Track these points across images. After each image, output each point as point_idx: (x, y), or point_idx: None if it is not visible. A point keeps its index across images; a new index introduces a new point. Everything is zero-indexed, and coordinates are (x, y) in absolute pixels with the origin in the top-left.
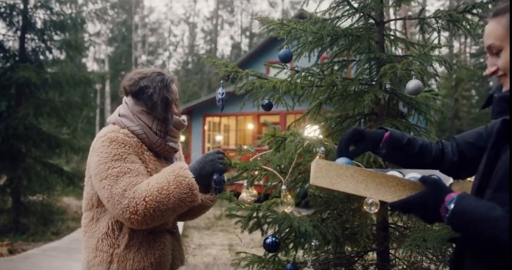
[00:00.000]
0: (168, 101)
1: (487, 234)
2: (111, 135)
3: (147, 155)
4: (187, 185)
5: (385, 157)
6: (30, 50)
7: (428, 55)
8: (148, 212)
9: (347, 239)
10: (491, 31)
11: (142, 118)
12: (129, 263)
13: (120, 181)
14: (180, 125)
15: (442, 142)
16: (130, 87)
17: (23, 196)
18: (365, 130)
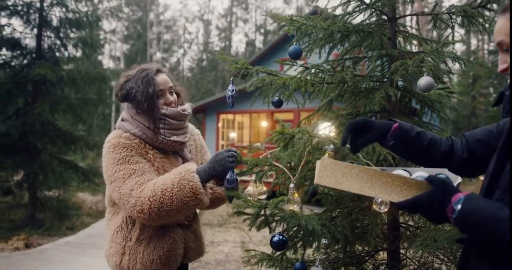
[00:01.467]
0: (150, 95)
1: (495, 236)
2: (114, 141)
3: (151, 154)
4: (191, 189)
5: (392, 148)
6: (46, 47)
7: (440, 52)
8: (153, 211)
9: (358, 238)
10: (501, 27)
11: (139, 120)
12: (139, 256)
13: (127, 181)
14: (179, 116)
15: (452, 138)
16: (119, 92)
17: (39, 191)
18: (373, 120)
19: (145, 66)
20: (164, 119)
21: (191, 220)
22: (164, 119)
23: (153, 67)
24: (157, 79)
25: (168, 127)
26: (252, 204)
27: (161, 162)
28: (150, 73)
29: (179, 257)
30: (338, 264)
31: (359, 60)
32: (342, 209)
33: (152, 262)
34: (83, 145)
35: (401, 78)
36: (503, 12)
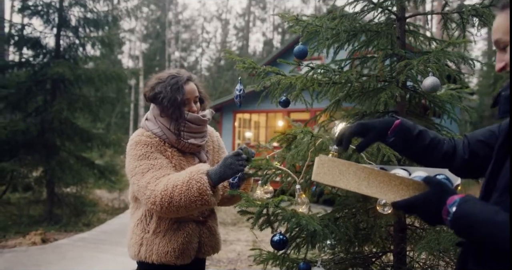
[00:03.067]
0: (177, 102)
1: (489, 239)
2: (136, 139)
3: (170, 152)
4: (198, 189)
5: (392, 145)
6: (65, 46)
7: (445, 52)
8: (164, 205)
9: (362, 240)
10: (499, 25)
11: (161, 121)
12: (155, 247)
13: (146, 175)
14: (198, 121)
15: (455, 139)
16: (148, 94)
17: (57, 187)
18: (370, 122)
19: (176, 73)
20: (184, 123)
21: (207, 217)
22: (185, 123)
23: (184, 75)
24: (186, 88)
25: (188, 131)
26: (253, 203)
27: (179, 160)
28: (180, 81)
29: (193, 251)
30: (345, 265)
31: (367, 60)
32: (349, 209)
33: (167, 253)
34: (99, 143)
35: (409, 79)
36: (502, 9)
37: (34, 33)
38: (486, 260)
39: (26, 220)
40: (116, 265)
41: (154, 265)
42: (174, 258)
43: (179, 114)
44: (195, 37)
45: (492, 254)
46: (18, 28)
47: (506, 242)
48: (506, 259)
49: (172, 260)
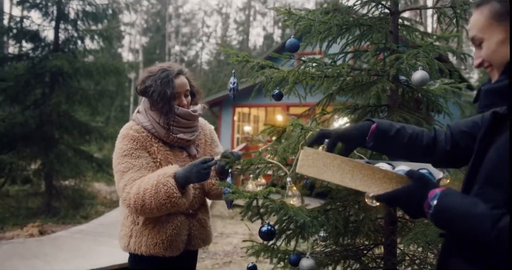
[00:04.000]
0: (167, 96)
1: (469, 232)
2: (124, 132)
3: (156, 147)
4: (165, 193)
5: (372, 149)
6: (64, 39)
7: (435, 46)
8: (137, 207)
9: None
10: (474, 22)
11: (151, 114)
12: (144, 239)
13: (124, 176)
14: (188, 116)
15: (436, 129)
16: (139, 87)
17: (55, 180)
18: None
19: (167, 66)
20: (174, 117)
21: (197, 210)
22: (174, 118)
23: (175, 68)
24: (176, 82)
25: (177, 125)
26: (243, 194)
27: (165, 155)
28: (170, 75)
29: (182, 243)
30: (337, 257)
31: (360, 54)
32: (342, 202)
33: (155, 245)
34: (98, 136)
35: (401, 73)
36: (477, 6)
37: (32, 26)
38: (468, 251)
39: (24, 212)
40: (113, 257)
41: (143, 256)
42: (163, 250)
43: (168, 108)
44: (195, 31)
45: (473, 246)
46: (17, 21)
47: (485, 234)
48: (487, 250)
49: (161, 252)
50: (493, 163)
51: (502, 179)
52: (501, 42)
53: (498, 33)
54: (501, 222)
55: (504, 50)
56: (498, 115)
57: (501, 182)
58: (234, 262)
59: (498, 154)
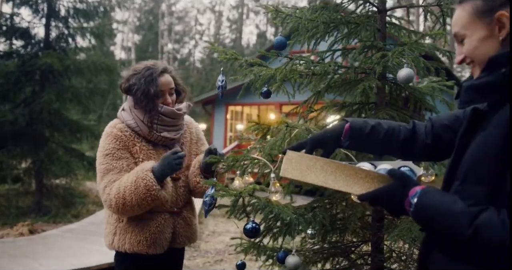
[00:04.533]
0: (150, 94)
1: (448, 229)
2: (108, 130)
3: (138, 146)
4: (144, 186)
5: (349, 148)
6: (54, 37)
7: (419, 44)
8: (119, 206)
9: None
10: (457, 18)
11: (136, 112)
12: (128, 236)
13: (104, 178)
14: (172, 114)
15: (415, 122)
16: (123, 85)
17: (46, 179)
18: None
19: (152, 64)
20: (158, 116)
21: (182, 208)
22: (158, 116)
23: (159, 66)
24: (160, 80)
25: (161, 124)
26: (228, 192)
27: (148, 154)
28: (155, 73)
29: (166, 241)
30: (325, 254)
31: (348, 52)
32: (330, 199)
33: (139, 242)
34: (89, 134)
35: (388, 71)
36: (460, 3)
37: (23, 23)
38: (448, 248)
39: (15, 211)
40: (103, 255)
41: (127, 254)
42: (146, 247)
43: (152, 106)
44: (188, 29)
45: (453, 243)
46: (6, 18)
47: (463, 231)
48: (465, 248)
49: (144, 249)
50: (473, 158)
51: (483, 175)
52: (483, 39)
53: (480, 30)
54: (478, 219)
55: (485, 47)
56: (479, 111)
57: (482, 177)
58: (225, 260)
59: (479, 149)
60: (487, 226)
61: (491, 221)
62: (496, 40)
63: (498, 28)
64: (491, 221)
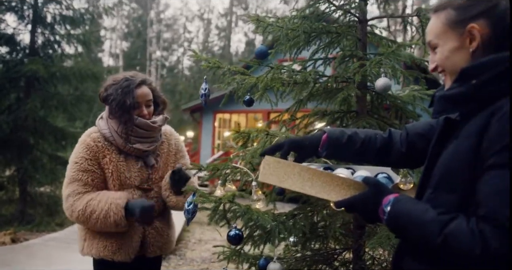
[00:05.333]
0: (126, 106)
1: (419, 238)
2: (82, 138)
3: (109, 158)
4: (114, 221)
5: (326, 158)
6: (40, 44)
7: (396, 54)
8: (79, 221)
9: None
10: (431, 27)
11: (111, 122)
12: (96, 241)
13: (70, 186)
14: (146, 127)
15: (391, 131)
16: (101, 94)
17: (30, 187)
18: (300, 141)
19: (131, 75)
20: (132, 127)
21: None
22: (132, 128)
23: (138, 78)
24: (137, 91)
25: (135, 135)
26: (208, 198)
27: (117, 165)
28: (132, 84)
29: (132, 249)
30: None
31: (330, 61)
32: (312, 207)
33: (105, 248)
34: (74, 142)
35: (369, 80)
36: (434, 12)
37: (8, 29)
38: (421, 256)
39: None
40: (87, 264)
41: (95, 260)
42: (111, 253)
43: (128, 118)
44: (177, 36)
45: (425, 251)
46: None
47: (433, 240)
48: (437, 256)
49: (109, 255)
50: (445, 167)
51: (454, 183)
52: (454, 49)
53: (452, 40)
54: (448, 228)
55: (456, 58)
56: (451, 121)
57: (453, 186)
58: (211, 269)
59: (451, 158)
60: (456, 234)
61: (460, 229)
62: (467, 51)
63: (469, 40)
64: (460, 229)
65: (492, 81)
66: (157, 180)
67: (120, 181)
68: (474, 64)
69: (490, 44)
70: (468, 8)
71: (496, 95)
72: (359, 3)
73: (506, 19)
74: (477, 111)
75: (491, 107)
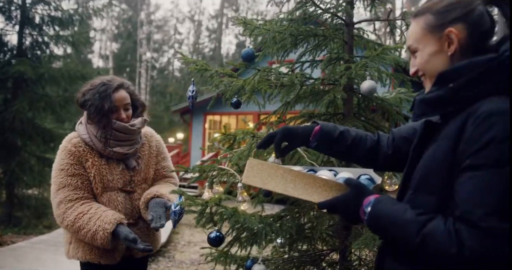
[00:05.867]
0: (104, 110)
1: (399, 238)
2: (63, 145)
3: (91, 162)
4: (100, 243)
5: (317, 149)
6: (28, 45)
7: (381, 56)
8: (67, 229)
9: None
10: (411, 32)
11: (90, 127)
12: (82, 244)
13: (60, 192)
14: (125, 130)
15: (379, 134)
16: (79, 99)
17: (17, 189)
18: (293, 129)
19: (108, 80)
20: (111, 131)
21: (138, 219)
22: (111, 132)
23: (115, 82)
24: (114, 96)
25: (114, 139)
26: (194, 201)
27: (99, 169)
28: (109, 89)
29: (119, 251)
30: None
31: (316, 63)
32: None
33: (91, 251)
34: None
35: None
36: (414, 17)
37: None
38: (402, 256)
39: None
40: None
41: (82, 263)
42: (98, 256)
43: (106, 122)
44: (167, 38)
45: (404, 252)
46: None
47: (411, 240)
48: (416, 256)
49: (96, 258)
50: (424, 169)
51: (433, 185)
52: (433, 53)
53: (431, 44)
54: (426, 228)
55: (435, 62)
56: (431, 124)
57: (432, 187)
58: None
59: (430, 160)
60: (433, 234)
61: (437, 229)
62: (446, 55)
63: (448, 44)
64: (438, 229)
65: (469, 84)
66: (139, 182)
67: (103, 184)
68: (451, 68)
69: (468, 48)
70: (446, 13)
71: (473, 98)
72: (345, 6)
73: (482, 23)
74: (455, 114)
75: (468, 110)
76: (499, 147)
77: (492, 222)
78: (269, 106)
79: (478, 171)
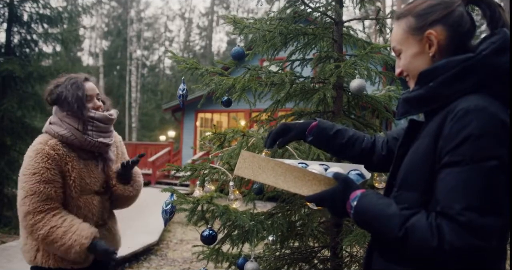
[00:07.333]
0: (79, 98)
1: (381, 231)
2: (38, 147)
3: (70, 165)
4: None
5: (312, 143)
6: (17, 43)
7: (369, 55)
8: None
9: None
10: (394, 34)
11: (68, 121)
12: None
13: (28, 199)
14: (105, 120)
15: (375, 136)
16: (49, 97)
17: (6, 188)
18: (291, 123)
19: (73, 75)
20: (92, 122)
21: (106, 219)
22: (92, 122)
23: (81, 76)
24: (85, 86)
25: (96, 130)
26: (186, 199)
27: (79, 172)
28: (79, 80)
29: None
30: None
31: (306, 61)
32: (291, 206)
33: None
34: None
35: (345, 81)
36: (397, 19)
37: None
38: (385, 250)
39: None
40: None
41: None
42: (71, 263)
43: (84, 109)
44: (157, 35)
45: (388, 246)
46: None
47: (394, 234)
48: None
49: (69, 264)
50: (408, 166)
51: (415, 181)
52: (415, 54)
53: (413, 46)
54: (409, 222)
55: (418, 62)
56: (415, 123)
57: (414, 183)
58: (192, 269)
59: (413, 157)
60: (415, 228)
61: (419, 223)
62: (427, 56)
63: (428, 46)
64: (420, 223)
65: (448, 82)
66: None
67: (81, 187)
68: (430, 68)
69: (448, 49)
70: (426, 15)
71: (452, 96)
72: (334, 5)
73: (462, 24)
74: (436, 112)
75: (447, 108)
76: (476, 143)
77: (471, 216)
78: (260, 104)
79: (456, 167)
